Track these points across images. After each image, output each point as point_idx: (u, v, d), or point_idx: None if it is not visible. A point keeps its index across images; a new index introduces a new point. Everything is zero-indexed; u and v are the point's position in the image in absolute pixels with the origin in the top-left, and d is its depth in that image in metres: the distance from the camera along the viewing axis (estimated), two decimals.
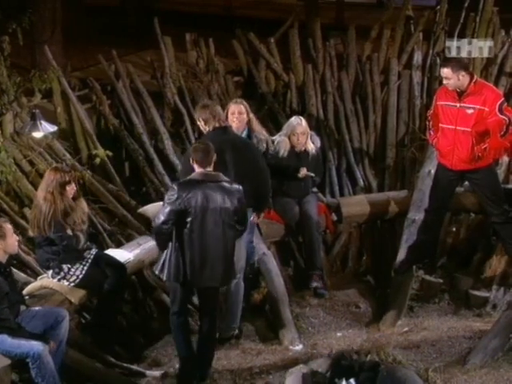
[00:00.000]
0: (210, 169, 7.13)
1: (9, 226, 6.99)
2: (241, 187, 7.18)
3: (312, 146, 8.83)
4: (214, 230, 7.07)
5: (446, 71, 8.02)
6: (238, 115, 8.12)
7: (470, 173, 8.32)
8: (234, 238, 7.25)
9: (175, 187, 7.08)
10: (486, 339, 7.70)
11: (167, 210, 7.01)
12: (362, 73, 11.40)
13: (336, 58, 11.59)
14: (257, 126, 8.25)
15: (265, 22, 14.52)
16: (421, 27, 11.55)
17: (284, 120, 10.20)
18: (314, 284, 8.67)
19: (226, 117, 8.09)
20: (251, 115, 8.22)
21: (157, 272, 7.30)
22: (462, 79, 8.00)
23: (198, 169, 7.13)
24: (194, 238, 7.05)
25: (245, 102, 8.28)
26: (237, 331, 8.08)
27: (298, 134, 8.70)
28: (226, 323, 7.97)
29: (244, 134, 8.15)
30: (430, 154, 9.47)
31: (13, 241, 7.00)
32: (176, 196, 7.00)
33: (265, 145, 8.26)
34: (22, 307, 7.09)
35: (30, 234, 7.63)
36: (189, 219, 7.01)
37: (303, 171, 8.67)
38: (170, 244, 7.12)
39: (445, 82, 8.09)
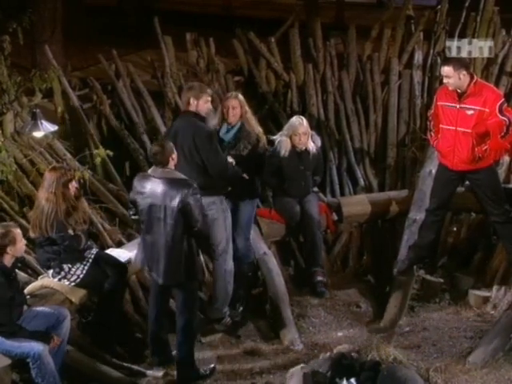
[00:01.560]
0: (165, 168, 7.15)
1: (18, 231, 6.96)
2: (193, 186, 7.08)
3: (313, 145, 8.83)
4: (157, 225, 7.18)
5: (447, 69, 8.00)
6: (231, 109, 8.13)
7: (470, 173, 8.31)
8: (176, 237, 7.13)
9: (135, 178, 7.44)
10: (486, 339, 7.71)
11: (129, 199, 7.53)
12: (363, 72, 11.40)
13: (336, 57, 11.58)
14: (250, 120, 8.22)
15: (265, 21, 14.51)
16: (421, 27, 11.54)
17: (284, 120, 10.20)
18: (319, 278, 8.66)
19: (222, 110, 8.15)
20: (245, 109, 8.20)
21: None
22: (463, 78, 7.98)
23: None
24: (144, 230, 7.34)
25: (240, 96, 8.25)
26: (229, 319, 8.17)
27: (300, 134, 8.68)
28: (211, 304, 8.13)
29: (236, 127, 8.16)
30: (430, 154, 9.46)
31: (21, 245, 7.00)
32: (133, 186, 7.38)
33: (254, 139, 8.20)
34: (24, 307, 7.09)
35: (31, 234, 7.61)
36: (139, 210, 7.29)
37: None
38: None
39: (445, 80, 8.07)
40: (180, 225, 7.10)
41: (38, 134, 8.68)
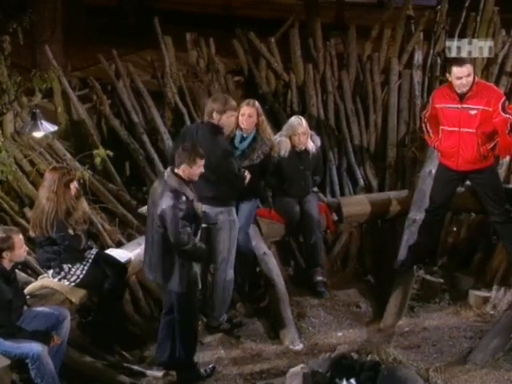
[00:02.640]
0: (175, 172, 7.07)
1: (19, 237, 6.92)
2: (180, 199, 6.94)
3: (312, 145, 8.83)
4: (150, 229, 7.22)
5: (469, 68, 7.97)
6: (247, 117, 8.13)
7: (473, 173, 8.32)
8: (158, 243, 7.10)
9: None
10: (486, 339, 7.72)
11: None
12: (363, 72, 11.40)
13: (336, 57, 11.58)
14: (265, 129, 8.22)
15: (265, 21, 14.51)
16: (421, 27, 11.55)
17: (284, 120, 10.17)
18: (319, 278, 8.68)
19: (237, 117, 8.10)
20: (262, 118, 8.20)
21: None
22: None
23: None
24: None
25: (258, 104, 8.22)
26: (226, 324, 8.14)
27: (299, 134, 8.68)
28: (209, 312, 8.09)
29: (251, 136, 8.16)
30: (430, 154, 9.47)
31: (21, 252, 6.96)
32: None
33: (268, 149, 8.22)
34: (24, 307, 7.09)
35: (31, 234, 7.61)
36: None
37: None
38: None
39: (462, 81, 7.98)
40: (157, 232, 7.07)
41: (37, 134, 8.68)
